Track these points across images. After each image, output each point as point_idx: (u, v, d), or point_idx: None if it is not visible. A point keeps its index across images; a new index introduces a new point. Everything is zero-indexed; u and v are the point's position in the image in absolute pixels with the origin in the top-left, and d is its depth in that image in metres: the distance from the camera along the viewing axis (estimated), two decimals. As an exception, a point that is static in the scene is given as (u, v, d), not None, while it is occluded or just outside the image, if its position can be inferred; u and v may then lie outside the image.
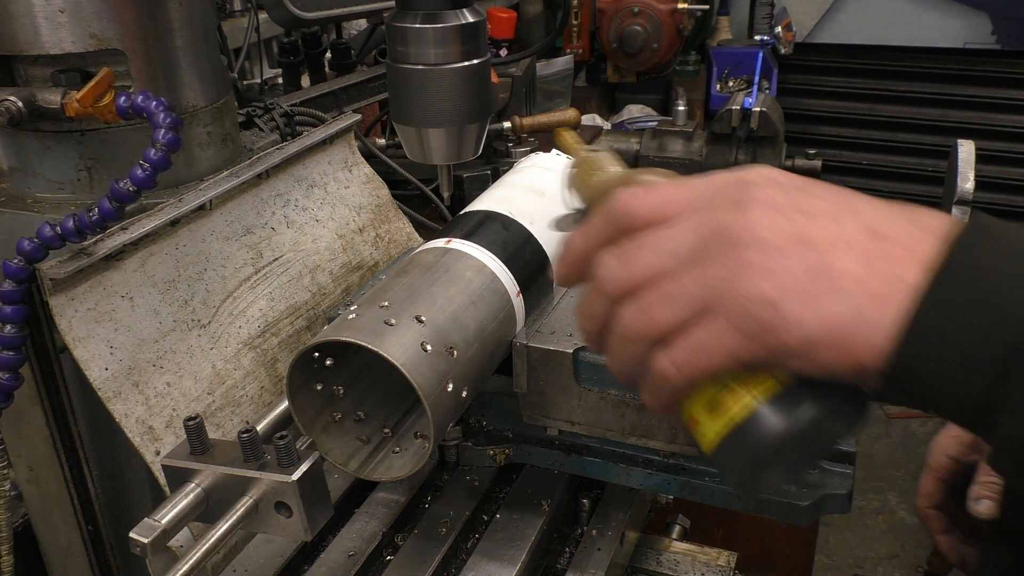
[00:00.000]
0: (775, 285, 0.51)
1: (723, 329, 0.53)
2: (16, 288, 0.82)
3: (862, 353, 0.50)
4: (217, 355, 0.95)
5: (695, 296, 0.54)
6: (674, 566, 0.99)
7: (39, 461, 0.96)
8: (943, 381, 0.50)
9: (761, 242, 0.52)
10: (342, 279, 1.14)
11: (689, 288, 0.54)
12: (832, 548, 3.14)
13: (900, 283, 0.50)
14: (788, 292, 0.51)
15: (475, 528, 0.92)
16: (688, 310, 0.54)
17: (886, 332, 0.50)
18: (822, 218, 0.53)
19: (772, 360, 0.53)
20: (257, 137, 1.22)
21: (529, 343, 0.86)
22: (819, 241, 0.52)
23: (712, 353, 0.53)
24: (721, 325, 0.53)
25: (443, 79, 0.93)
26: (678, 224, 0.56)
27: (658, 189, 0.59)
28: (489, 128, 0.98)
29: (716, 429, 0.58)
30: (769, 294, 0.51)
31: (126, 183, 0.81)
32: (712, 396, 0.57)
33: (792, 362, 0.52)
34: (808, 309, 0.50)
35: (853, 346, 0.50)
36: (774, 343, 0.51)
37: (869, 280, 0.50)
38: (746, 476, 0.58)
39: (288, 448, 0.71)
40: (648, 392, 0.59)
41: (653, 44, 2.90)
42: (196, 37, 0.98)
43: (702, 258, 0.54)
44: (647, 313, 0.56)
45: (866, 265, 0.51)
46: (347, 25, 2.35)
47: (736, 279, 0.52)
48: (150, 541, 0.67)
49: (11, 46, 0.89)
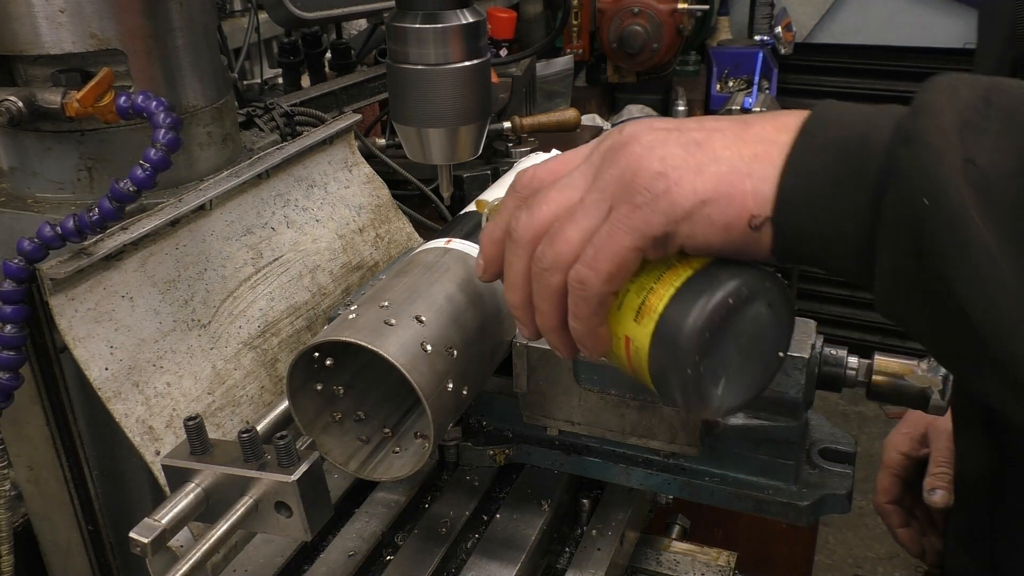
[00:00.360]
0: (660, 162, 0.57)
1: (623, 213, 0.58)
2: (16, 288, 0.82)
3: (750, 202, 0.55)
4: (217, 355, 0.95)
5: (596, 204, 0.59)
6: (674, 566, 0.99)
7: (39, 461, 0.96)
8: (825, 215, 0.54)
9: (643, 140, 0.59)
10: (342, 279, 1.14)
11: (590, 201, 0.60)
12: (832, 548, 3.14)
13: (773, 144, 0.56)
14: (673, 166, 0.57)
15: (475, 528, 0.92)
16: (593, 219, 0.59)
17: (768, 179, 0.55)
18: (693, 125, 0.60)
19: (673, 229, 0.57)
20: (257, 137, 1.22)
21: (529, 343, 0.86)
22: (693, 133, 0.59)
23: (619, 237, 0.58)
24: (620, 211, 0.58)
25: (443, 79, 0.93)
26: (573, 174, 0.63)
27: (555, 157, 0.66)
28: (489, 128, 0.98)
29: (646, 332, 0.59)
30: (657, 168, 0.57)
31: (126, 183, 0.81)
32: (638, 305, 0.60)
33: (689, 226, 0.57)
34: (694, 174, 0.56)
35: (741, 197, 0.56)
36: (668, 207, 0.56)
37: (744, 148, 0.57)
38: (686, 379, 0.58)
39: (288, 448, 0.71)
40: (576, 317, 0.61)
41: (653, 44, 2.90)
42: (196, 37, 0.98)
43: (597, 177, 0.60)
44: (558, 238, 0.60)
45: (739, 140, 0.57)
46: (347, 25, 2.35)
47: (626, 171, 0.58)
48: (150, 541, 0.67)
49: (11, 46, 0.89)
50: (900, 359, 0.81)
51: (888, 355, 0.82)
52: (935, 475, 1.10)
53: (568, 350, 0.66)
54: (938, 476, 1.10)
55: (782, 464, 0.84)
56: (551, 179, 0.65)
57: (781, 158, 0.55)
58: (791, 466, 0.84)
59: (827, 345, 0.84)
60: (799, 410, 0.81)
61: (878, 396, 0.82)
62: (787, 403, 0.81)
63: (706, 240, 0.57)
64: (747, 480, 0.86)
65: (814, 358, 0.81)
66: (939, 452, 1.12)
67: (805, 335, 0.82)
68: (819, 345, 0.83)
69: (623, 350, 0.62)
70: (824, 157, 0.54)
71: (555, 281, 0.61)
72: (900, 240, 0.51)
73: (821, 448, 0.89)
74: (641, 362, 0.61)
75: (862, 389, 0.83)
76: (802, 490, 0.84)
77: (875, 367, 0.81)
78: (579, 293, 0.60)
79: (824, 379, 0.83)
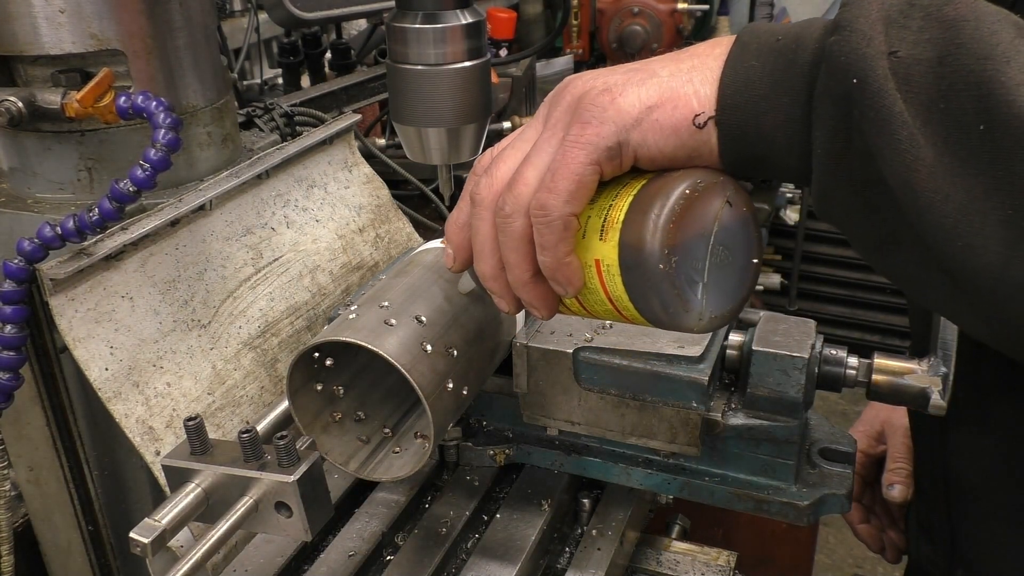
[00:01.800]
0: (603, 83, 0.61)
1: (574, 133, 0.60)
2: (16, 288, 0.82)
3: (694, 103, 0.59)
4: (217, 355, 0.95)
5: (549, 140, 0.62)
6: (674, 566, 0.99)
7: (39, 461, 0.96)
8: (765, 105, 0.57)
9: (584, 77, 0.63)
10: (342, 279, 1.14)
11: (543, 140, 0.62)
12: (832, 548, 3.14)
13: (708, 56, 0.60)
14: (616, 83, 0.60)
15: (475, 528, 0.92)
16: (547, 154, 0.61)
17: (709, 82, 0.59)
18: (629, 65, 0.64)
19: (624, 137, 0.59)
20: (257, 137, 1.22)
21: (529, 343, 0.86)
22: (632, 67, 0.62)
23: (573, 154, 0.59)
24: (572, 131, 0.60)
25: (443, 79, 0.93)
26: (524, 134, 0.66)
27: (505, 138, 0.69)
28: (489, 128, 0.98)
29: (612, 244, 0.60)
30: (601, 87, 0.60)
31: (126, 183, 0.81)
32: (600, 224, 0.61)
33: (639, 132, 0.59)
34: (637, 86, 0.60)
35: (685, 99, 0.59)
36: (616, 115, 0.59)
37: (681, 63, 0.61)
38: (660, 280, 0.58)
39: (288, 448, 0.71)
40: (544, 248, 0.62)
41: (653, 44, 2.91)
42: (196, 37, 0.98)
43: (547, 121, 0.63)
44: (517, 183, 0.62)
45: (675, 60, 0.62)
46: (347, 25, 2.35)
47: (572, 100, 0.61)
48: (150, 541, 0.67)
49: (11, 46, 0.89)
50: (900, 359, 0.81)
51: (888, 355, 0.82)
52: (893, 471, 1.14)
53: (546, 302, 0.66)
54: (895, 472, 1.13)
55: (782, 464, 0.84)
56: (505, 146, 0.67)
57: (719, 65, 0.59)
58: (791, 466, 0.84)
59: (827, 345, 0.84)
60: (799, 410, 0.82)
61: (878, 396, 0.82)
62: (787, 403, 0.81)
63: (657, 146, 0.60)
64: (747, 480, 0.86)
65: (814, 358, 0.81)
66: (896, 448, 1.16)
67: (805, 335, 0.83)
68: (819, 345, 0.83)
69: (596, 279, 0.62)
70: (760, 58, 0.58)
71: (519, 225, 0.62)
72: (831, 119, 0.54)
73: (821, 448, 0.89)
74: (616, 283, 0.61)
75: (862, 389, 0.83)
76: (802, 490, 0.84)
77: (875, 367, 0.81)
78: (542, 220, 0.61)
79: (824, 379, 0.83)
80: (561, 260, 0.62)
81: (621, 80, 0.60)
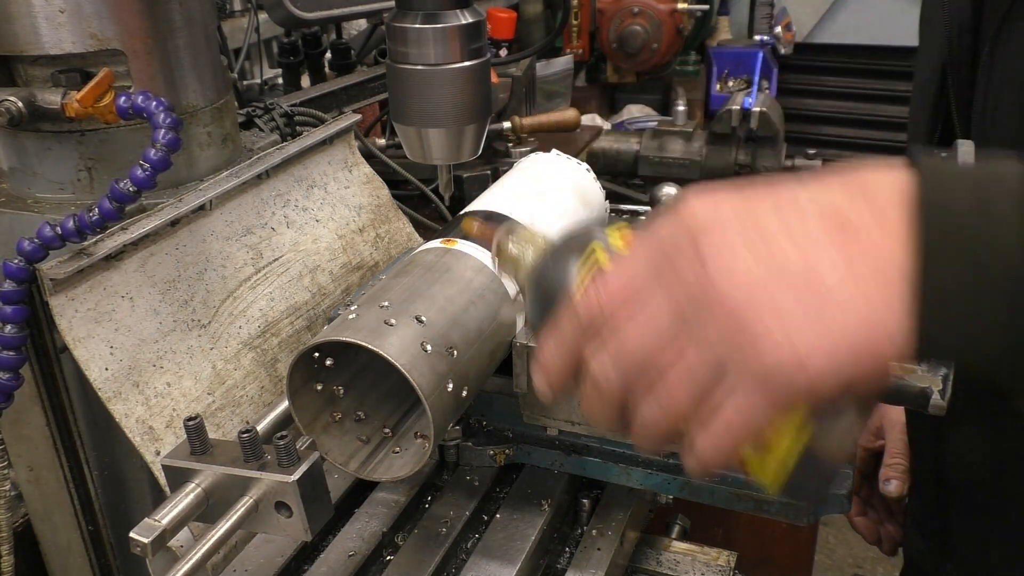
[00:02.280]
0: (780, 330, 0.48)
1: (749, 400, 0.50)
2: (16, 288, 0.82)
3: (888, 352, 0.49)
4: (217, 355, 0.95)
5: (703, 366, 0.52)
6: (674, 566, 0.99)
7: (39, 461, 0.96)
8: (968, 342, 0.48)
9: (739, 293, 0.49)
10: (342, 279, 1.14)
11: (694, 362, 0.52)
12: (832, 548, 3.13)
13: (889, 263, 0.48)
14: (793, 335, 0.48)
15: (475, 528, 0.92)
16: (702, 382, 0.52)
17: (902, 324, 0.48)
18: (780, 236, 0.50)
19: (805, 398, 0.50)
20: (257, 137, 1.22)
21: (529, 343, 0.86)
22: (792, 263, 0.49)
23: (748, 425, 0.52)
24: (746, 397, 0.50)
25: (443, 79, 0.93)
26: (648, 302, 0.53)
27: (610, 275, 0.56)
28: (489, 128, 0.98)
29: (775, 465, 0.56)
30: (779, 353, 0.48)
31: (126, 183, 0.81)
32: None
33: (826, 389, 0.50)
34: (820, 340, 0.48)
35: (879, 354, 0.49)
36: (805, 387, 0.49)
37: (859, 278, 0.48)
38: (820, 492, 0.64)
39: (288, 448, 0.71)
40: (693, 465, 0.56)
41: (653, 44, 2.90)
42: (196, 37, 0.98)
43: (689, 327, 0.52)
44: (663, 403, 0.54)
45: (848, 265, 0.49)
46: (347, 25, 2.35)
47: (736, 341, 0.50)
48: (150, 541, 0.67)
49: (11, 46, 0.89)
50: (900, 359, 0.81)
51: (888, 355, 0.82)
52: (890, 466, 1.15)
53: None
54: (893, 467, 1.15)
55: (782, 464, 0.84)
56: (616, 306, 0.55)
57: (904, 286, 0.48)
58: (791, 466, 0.84)
59: (827, 345, 0.83)
60: (799, 410, 0.81)
61: (878, 396, 0.82)
62: (787, 403, 0.81)
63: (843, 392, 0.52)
64: (747, 480, 0.86)
65: (814, 358, 0.81)
66: (893, 444, 1.18)
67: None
68: (819, 345, 0.82)
69: None
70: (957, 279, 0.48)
71: (663, 431, 0.56)
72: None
73: (821, 448, 0.89)
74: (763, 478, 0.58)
75: (862, 389, 0.83)
76: (802, 490, 0.84)
77: (875, 367, 0.81)
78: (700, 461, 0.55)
79: (824, 379, 0.83)
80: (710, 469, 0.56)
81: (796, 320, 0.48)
